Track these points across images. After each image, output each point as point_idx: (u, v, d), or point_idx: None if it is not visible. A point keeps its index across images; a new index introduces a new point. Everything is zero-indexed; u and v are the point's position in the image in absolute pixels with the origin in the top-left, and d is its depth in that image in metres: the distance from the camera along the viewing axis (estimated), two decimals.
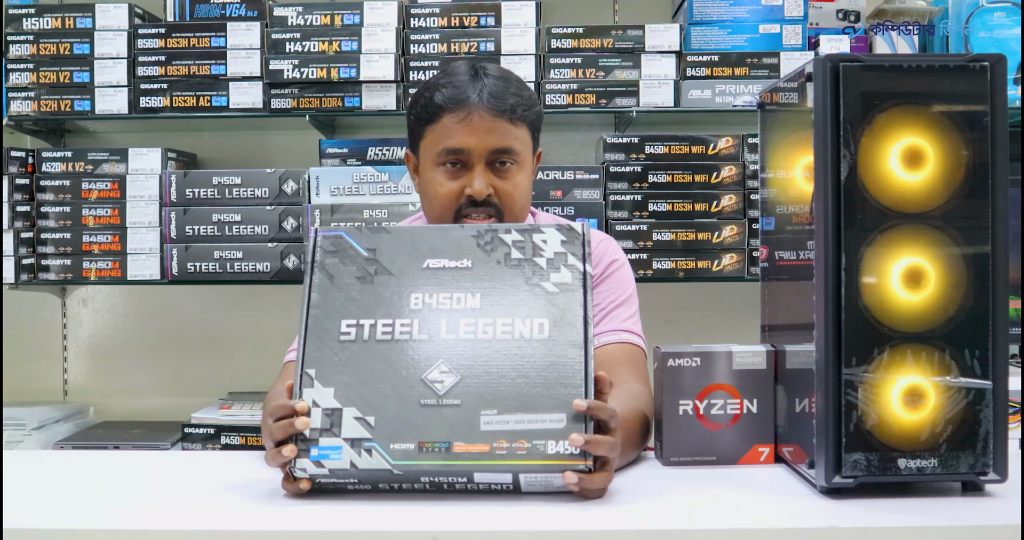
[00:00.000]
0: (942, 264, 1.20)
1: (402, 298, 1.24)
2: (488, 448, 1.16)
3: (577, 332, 1.22)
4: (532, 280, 1.24)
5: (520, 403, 1.18)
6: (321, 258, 1.27)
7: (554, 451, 1.16)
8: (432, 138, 1.59)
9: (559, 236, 1.27)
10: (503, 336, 1.21)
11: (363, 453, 1.16)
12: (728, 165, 2.46)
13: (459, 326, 1.22)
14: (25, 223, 2.51)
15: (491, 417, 1.17)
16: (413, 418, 1.17)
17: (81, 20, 2.53)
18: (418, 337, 1.22)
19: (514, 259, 1.26)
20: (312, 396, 1.19)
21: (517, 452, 1.16)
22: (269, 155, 2.81)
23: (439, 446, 1.16)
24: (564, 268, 1.25)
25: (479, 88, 1.56)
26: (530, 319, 1.22)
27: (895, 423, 1.19)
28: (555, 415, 1.17)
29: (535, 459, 1.15)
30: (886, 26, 2.57)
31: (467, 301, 1.24)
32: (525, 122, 1.59)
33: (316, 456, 1.17)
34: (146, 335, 2.85)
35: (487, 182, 1.56)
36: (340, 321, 1.23)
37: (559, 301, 1.23)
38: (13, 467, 1.37)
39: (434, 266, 1.26)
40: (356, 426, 1.17)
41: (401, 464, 1.16)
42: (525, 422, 1.17)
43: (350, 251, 1.27)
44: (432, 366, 1.20)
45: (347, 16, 2.52)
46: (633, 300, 1.68)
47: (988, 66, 1.21)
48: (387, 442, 1.16)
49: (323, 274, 1.26)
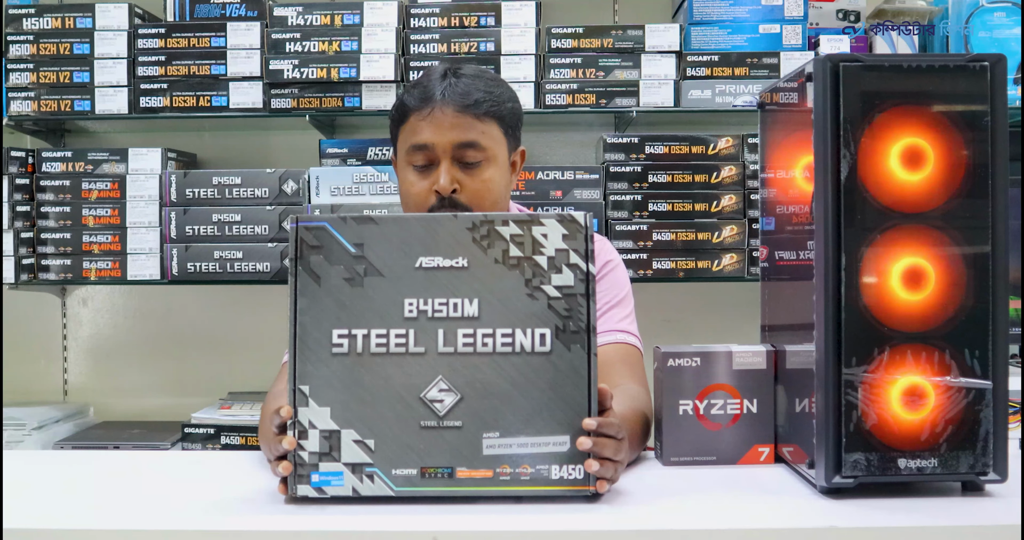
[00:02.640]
0: (942, 264, 1.20)
1: (395, 305, 1.18)
2: (491, 473, 1.15)
3: (581, 343, 1.18)
4: (532, 283, 1.18)
5: (523, 425, 1.16)
6: (305, 255, 1.18)
7: (558, 476, 1.15)
8: (402, 138, 1.60)
9: (560, 229, 1.19)
10: (503, 349, 1.17)
11: (364, 479, 1.15)
12: (728, 165, 2.46)
13: (457, 338, 1.17)
14: (25, 223, 2.51)
15: (493, 440, 1.15)
16: (414, 442, 1.16)
17: (81, 20, 2.53)
18: (414, 350, 1.17)
19: (513, 258, 1.18)
20: (308, 416, 1.16)
21: (521, 478, 1.15)
22: (269, 155, 2.81)
23: (441, 472, 1.15)
24: (566, 268, 1.19)
25: (444, 86, 1.57)
26: (531, 330, 1.18)
27: (895, 423, 1.19)
28: (559, 438, 1.16)
29: (539, 486, 1.15)
30: (886, 26, 2.57)
31: (464, 308, 1.18)
32: (494, 117, 1.58)
33: (317, 482, 1.16)
34: (146, 335, 2.85)
35: (452, 177, 1.56)
36: (331, 331, 1.17)
37: (561, 307, 1.18)
38: (13, 467, 1.37)
39: (427, 266, 1.18)
40: (356, 450, 1.15)
41: (404, 490, 1.15)
42: (528, 445, 1.16)
43: (335, 247, 1.18)
44: (431, 384, 1.17)
45: (347, 16, 2.52)
46: (629, 300, 1.67)
47: (988, 66, 1.21)
48: (388, 467, 1.15)
49: (308, 275, 1.18)
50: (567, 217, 1.20)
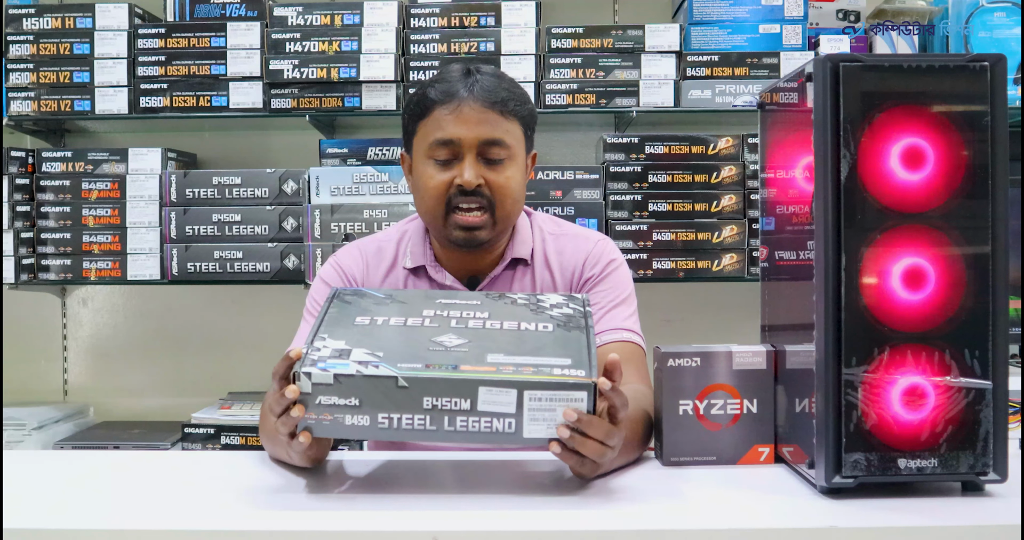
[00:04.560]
0: (942, 264, 1.20)
1: (415, 312, 1.34)
2: (494, 368, 1.19)
3: (580, 329, 1.28)
4: (536, 310, 1.36)
5: (527, 352, 1.23)
6: (341, 296, 1.38)
7: (560, 373, 1.18)
8: (423, 132, 1.59)
9: (564, 300, 1.39)
10: (508, 328, 1.30)
11: (370, 367, 1.18)
12: (728, 165, 2.46)
13: (468, 321, 1.31)
14: (25, 223, 2.52)
15: (498, 356, 1.22)
16: (421, 352, 1.22)
17: (81, 20, 2.53)
18: (429, 325, 1.30)
19: (520, 304, 1.38)
20: (321, 344, 1.23)
21: (523, 371, 1.18)
22: (269, 155, 2.81)
23: (446, 366, 1.19)
24: (567, 308, 1.37)
25: (470, 83, 1.57)
26: (535, 322, 1.31)
27: (895, 423, 1.19)
28: (561, 359, 1.21)
29: (540, 376, 1.18)
30: (886, 26, 2.57)
31: (476, 313, 1.34)
32: (517, 117, 1.59)
33: (323, 366, 1.17)
34: (146, 335, 2.85)
35: (477, 172, 1.56)
36: (355, 317, 1.31)
37: (561, 316, 1.33)
38: (13, 467, 1.37)
39: (446, 302, 1.37)
40: (364, 355, 1.20)
41: (407, 374, 1.17)
42: (531, 360, 1.21)
43: (367, 293, 1.40)
44: (442, 335, 1.27)
45: (347, 16, 2.52)
46: (631, 300, 1.68)
47: (988, 66, 1.21)
48: (395, 362, 1.19)
49: (340, 301, 1.36)
50: (569, 295, 1.42)
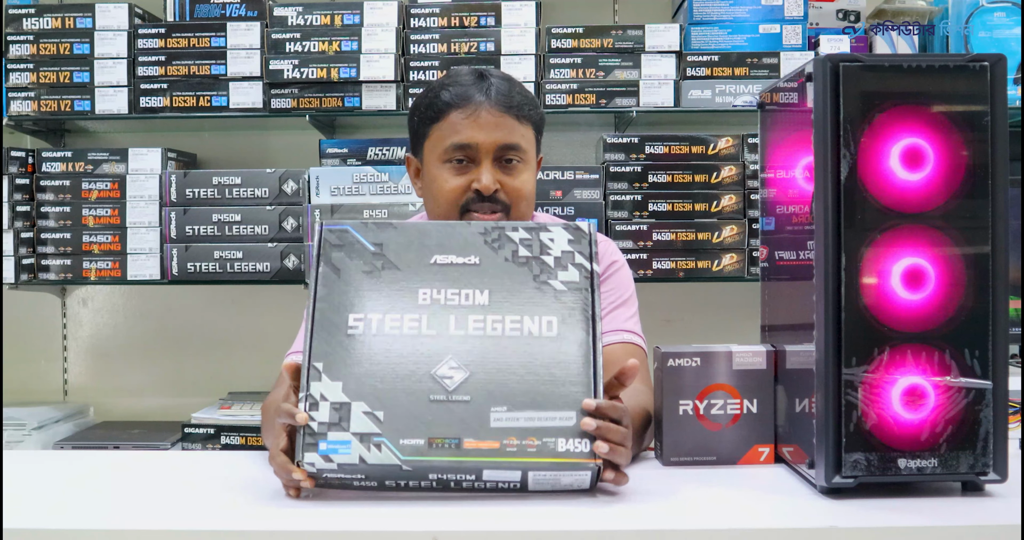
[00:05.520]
0: (942, 264, 1.20)
1: (410, 293, 1.24)
2: (498, 445, 1.16)
3: (586, 330, 1.23)
4: (540, 277, 1.25)
5: (530, 400, 1.18)
6: (327, 252, 1.27)
7: (564, 449, 1.16)
8: (438, 136, 1.59)
9: (566, 235, 1.28)
10: (512, 333, 1.22)
11: (372, 448, 1.16)
12: (728, 165, 2.46)
13: (468, 322, 1.23)
14: (25, 223, 2.51)
15: (501, 414, 1.17)
16: (422, 413, 1.17)
17: (81, 20, 2.53)
18: (427, 332, 1.22)
19: (521, 257, 1.27)
20: (320, 390, 1.19)
21: (527, 449, 1.16)
22: (269, 155, 2.81)
23: (449, 442, 1.16)
24: (571, 266, 1.26)
25: (485, 87, 1.58)
26: (539, 317, 1.23)
27: (895, 423, 1.19)
28: (565, 413, 1.18)
29: (545, 457, 1.16)
30: (886, 26, 2.57)
31: (475, 298, 1.24)
32: (530, 122, 1.60)
33: (324, 450, 1.16)
34: (146, 335, 2.85)
35: (495, 177, 1.57)
36: (347, 315, 1.23)
37: (567, 299, 1.24)
38: (13, 467, 1.37)
39: (441, 262, 1.26)
40: (365, 420, 1.17)
41: (411, 460, 1.15)
42: (535, 419, 1.17)
43: (356, 245, 1.27)
44: (441, 361, 1.20)
45: (347, 16, 2.52)
46: (633, 300, 1.68)
47: (988, 66, 1.21)
48: (396, 437, 1.16)
49: (329, 267, 1.25)
50: (573, 226, 1.30)
